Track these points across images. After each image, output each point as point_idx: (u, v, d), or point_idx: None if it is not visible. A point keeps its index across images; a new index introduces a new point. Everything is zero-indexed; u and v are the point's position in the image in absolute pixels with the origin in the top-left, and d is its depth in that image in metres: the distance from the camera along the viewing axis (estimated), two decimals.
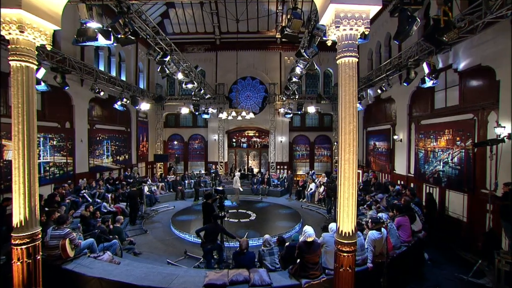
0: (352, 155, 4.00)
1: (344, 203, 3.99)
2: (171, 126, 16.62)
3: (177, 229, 7.68)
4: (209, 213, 6.05)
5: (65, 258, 4.34)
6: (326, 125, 16.39)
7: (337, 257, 3.85)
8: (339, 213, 4.05)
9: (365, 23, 3.70)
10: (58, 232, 4.39)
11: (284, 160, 15.86)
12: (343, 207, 4.01)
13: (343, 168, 4.01)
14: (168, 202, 11.13)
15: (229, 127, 16.05)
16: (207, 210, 6.17)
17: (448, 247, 6.76)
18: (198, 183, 12.21)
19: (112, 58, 12.26)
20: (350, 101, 3.93)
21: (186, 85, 10.59)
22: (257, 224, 8.29)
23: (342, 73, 3.92)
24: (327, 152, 16.45)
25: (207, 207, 6.21)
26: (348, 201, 4.00)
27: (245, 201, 11.16)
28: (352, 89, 3.94)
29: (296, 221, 8.46)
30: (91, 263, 4.47)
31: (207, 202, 6.26)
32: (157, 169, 15.61)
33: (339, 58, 3.89)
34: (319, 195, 11.12)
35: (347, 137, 4.02)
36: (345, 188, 4.00)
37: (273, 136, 15.58)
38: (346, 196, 4.01)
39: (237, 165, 16.39)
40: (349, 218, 3.97)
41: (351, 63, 3.87)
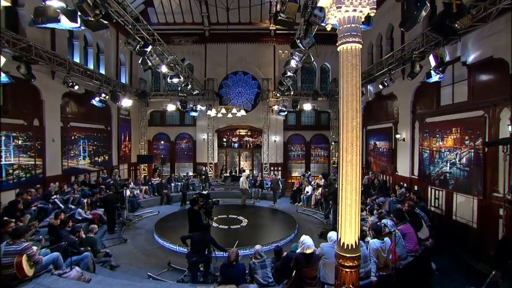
0: (355, 156, 3.68)
1: (346, 211, 3.66)
2: (156, 124, 16.31)
3: (161, 238, 7.43)
4: (195, 221, 5.83)
5: (22, 278, 3.89)
6: (323, 124, 16.28)
7: (338, 273, 3.53)
8: (340, 222, 3.73)
9: (371, 3, 3.39)
10: (14, 247, 3.92)
11: (278, 161, 15.76)
12: (344, 215, 3.69)
13: (345, 171, 3.69)
14: (152, 207, 10.94)
15: (219, 125, 15.84)
16: (193, 218, 5.92)
17: (456, 255, 6.57)
18: (186, 186, 11.94)
19: (89, 49, 11.74)
20: (353, 93, 3.62)
21: (172, 80, 10.20)
22: (249, 231, 8.15)
23: (344, 61, 3.61)
24: (324, 152, 16.37)
25: (193, 215, 5.96)
26: (350, 208, 3.69)
27: (235, 206, 11.01)
28: (355, 80, 3.63)
29: (291, 228, 8.34)
30: (54, 282, 4.06)
31: (193, 209, 6.00)
32: (140, 171, 15.34)
33: (340, 45, 3.58)
34: (316, 198, 11.03)
35: (349, 136, 3.70)
36: (347, 193, 3.68)
37: (266, 136, 15.43)
38: (348, 202, 3.69)
39: (228, 166, 16.20)
40: (351, 228, 3.65)
41: (354, 50, 3.55)
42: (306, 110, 15.18)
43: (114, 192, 8.72)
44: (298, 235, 7.78)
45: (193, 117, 15.40)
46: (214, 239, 5.41)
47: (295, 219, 9.03)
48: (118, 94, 11.35)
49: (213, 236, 5.56)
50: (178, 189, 12.64)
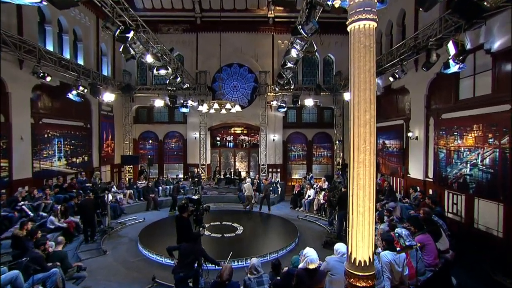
0: (368, 156, 3.32)
1: (358, 221, 3.30)
2: (142, 121, 16.07)
3: (146, 248, 7.21)
4: (184, 230, 5.57)
5: None
6: (326, 121, 16.11)
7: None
8: (351, 234, 3.38)
9: None
10: None
11: (277, 162, 15.60)
12: (355, 225, 3.33)
13: (356, 173, 3.33)
14: (138, 214, 10.80)
15: (213, 123, 15.64)
16: (182, 226, 5.66)
17: (478, 267, 6.28)
18: (177, 189, 11.85)
19: (64, 36, 11.31)
20: (366, 81, 3.26)
21: (158, 71, 9.85)
22: (245, 240, 8.00)
23: (355, 43, 3.25)
24: (327, 152, 16.22)
25: (182, 222, 5.69)
26: (363, 217, 3.32)
27: (230, 212, 10.95)
28: (368, 65, 3.27)
29: (291, 236, 8.15)
30: None
31: (182, 216, 5.72)
32: (125, 173, 15.06)
33: (351, 23, 3.23)
34: (319, 203, 10.91)
35: (362, 131, 3.34)
36: (359, 200, 3.32)
37: (264, 134, 15.24)
38: (360, 210, 3.32)
39: (222, 168, 15.98)
40: (365, 241, 3.28)
41: (368, 29, 3.20)
42: (308, 106, 15.01)
43: (94, 197, 8.48)
44: (299, 244, 7.69)
45: (183, 113, 15.34)
46: (205, 250, 5.14)
47: (296, 227, 8.89)
48: (98, 87, 11.00)
49: (205, 246, 5.41)
50: (167, 193, 12.61)
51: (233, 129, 16.33)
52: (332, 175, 14.83)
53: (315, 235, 8.60)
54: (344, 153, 15.37)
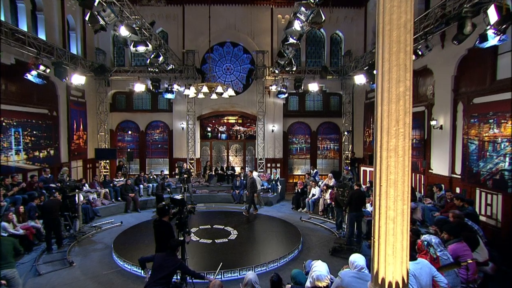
0: (402, 141, 2.76)
1: (388, 229, 2.77)
2: (121, 109, 15.83)
3: (121, 258, 6.94)
4: (164, 236, 5.22)
5: None
6: (333, 109, 16.03)
7: None
8: (377, 246, 2.87)
9: None
10: None
11: (277, 156, 15.58)
12: (385, 235, 2.81)
13: (385, 165, 2.78)
14: (114, 216, 10.61)
15: (202, 111, 15.55)
16: (162, 233, 5.31)
17: None
18: (162, 187, 11.80)
19: (19, 3, 10.58)
20: (399, 40, 2.72)
21: (136, 48, 9.29)
22: (239, 246, 7.77)
23: None
24: (334, 145, 16.19)
25: (162, 228, 5.32)
26: (395, 224, 2.79)
27: (222, 213, 10.84)
28: (404, 18, 2.73)
29: (294, 242, 7.92)
30: None
31: (161, 221, 5.32)
32: (100, 169, 14.84)
33: None
34: (325, 203, 10.77)
35: (394, 108, 2.77)
36: (389, 201, 2.79)
37: (261, 124, 15.15)
38: (391, 215, 2.78)
39: (213, 163, 15.81)
40: (397, 256, 2.77)
41: None
42: (312, 92, 14.86)
43: (62, 197, 8.26)
44: (303, 251, 7.56)
45: (168, 100, 15.27)
46: (184, 263, 4.81)
47: (299, 230, 8.77)
48: (65, 67, 10.48)
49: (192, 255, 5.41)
50: (149, 192, 12.49)
51: (226, 118, 16.22)
52: (340, 171, 14.88)
53: (321, 240, 8.44)
54: (354, 146, 15.28)
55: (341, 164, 15.64)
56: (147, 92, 15.16)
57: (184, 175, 11.87)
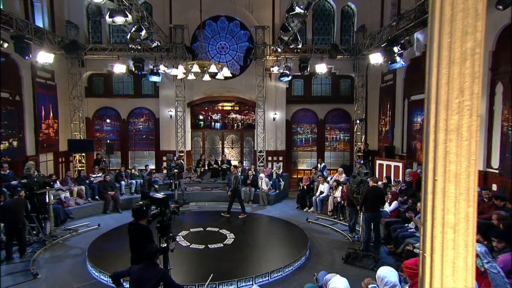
0: (469, 118, 2.16)
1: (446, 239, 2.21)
2: (98, 94, 15.63)
3: (97, 268, 6.77)
4: (140, 243, 4.93)
5: None
6: (344, 94, 15.93)
7: None
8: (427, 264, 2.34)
9: None
10: None
11: (279, 148, 15.62)
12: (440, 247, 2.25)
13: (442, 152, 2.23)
14: (91, 218, 10.62)
15: (193, 96, 15.47)
16: (138, 238, 5.03)
17: None
18: (148, 183, 11.90)
19: None
20: None
21: (113, 18, 9.02)
22: (236, 253, 7.65)
23: None
24: (344, 135, 16.21)
25: (138, 233, 5.05)
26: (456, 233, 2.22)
27: (217, 213, 10.88)
28: None
29: (300, 247, 7.80)
30: None
31: (138, 224, 5.06)
32: (75, 163, 14.66)
33: None
34: (335, 202, 10.79)
35: (456, 72, 2.17)
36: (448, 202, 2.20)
37: (261, 111, 15.06)
38: (450, 221, 2.22)
39: (206, 156, 15.65)
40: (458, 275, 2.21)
41: None
42: (320, 74, 14.91)
43: (29, 195, 8.19)
44: (311, 258, 7.50)
45: (154, 84, 15.14)
46: (168, 273, 4.52)
47: (306, 233, 8.72)
48: (28, 42, 10.04)
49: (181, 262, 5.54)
50: (132, 190, 12.52)
51: (220, 105, 16.17)
52: (351, 164, 15.04)
53: (332, 245, 8.37)
54: (368, 136, 15.14)
55: (352, 157, 15.59)
56: (129, 74, 14.98)
57: (175, 169, 12.02)
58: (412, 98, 11.92)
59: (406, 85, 12.29)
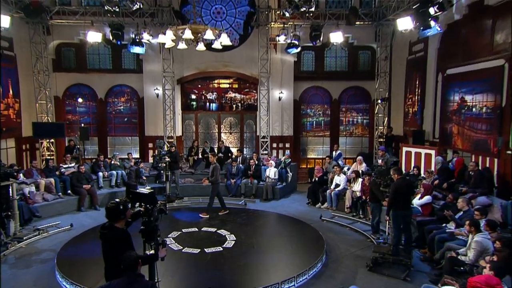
0: None
1: None
2: (69, 68, 15.41)
3: (68, 278, 6.60)
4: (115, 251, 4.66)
5: None
6: (363, 69, 15.82)
7: None
8: None
9: None
10: None
11: (285, 133, 15.58)
12: None
13: None
14: (62, 216, 10.49)
15: (184, 72, 15.35)
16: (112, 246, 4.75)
17: None
18: (136, 174, 11.72)
19: None
20: None
21: None
22: (238, 258, 7.50)
23: None
24: (362, 117, 16.16)
25: (113, 238, 4.76)
26: None
27: (216, 209, 10.74)
28: None
29: (315, 251, 7.61)
30: None
31: (113, 227, 4.75)
32: (42, 151, 14.52)
33: None
34: (353, 196, 10.78)
35: None
36: None
37: (265, 89, 14.93)
38: None
39: (199, 143, 15.70)
40: None
41: None
42: (334, 45, 14.84)
43: None
44: (329, 265, 7.32)
45: (137, 56, 15.10)
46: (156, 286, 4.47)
47: (320, 234, 8.59)
48: None
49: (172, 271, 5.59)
50: (112, 183, 12.51)
51: (216, 82, 16.05)
52: (371, 152, 15.04)
53: (353, 248, 8.21)
54: (391, 119, 14.98)
55: (372, 143, 15.47)
56: (106, 44, 14.83)
57: (167, 158, 11.93)
58: (448, 72, 11.71)
59: (440, 57, 12.08)
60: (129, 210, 4.75)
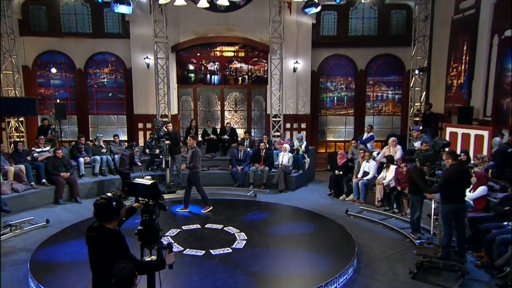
0: None
1: None
2: (39, 32, 15.37)
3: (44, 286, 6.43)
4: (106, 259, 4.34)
5: None
6: (396, 33, 15.70)
7: None
8: None
9: None
10: None
11: (301, 111, 15.58)
12: None
13: None
14: (36, 210, 10.53)
15: (180, 37, 15.25)
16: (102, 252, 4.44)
17: None
18: (130, 160, 11.69)
19: None
20: None
21: None
22: (251, 261, 7.34)
23: None
24: (394, 92, 16.10)
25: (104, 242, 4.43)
26: None
27: (218, 202, 10.87)
28: None
29: (344, 254, 7.44)
30: None
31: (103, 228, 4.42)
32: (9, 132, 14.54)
33: None
34: (386, 188, 10.73)
35: None
36: None
37: (277, 59, 14.84)
38: None
39: (199, 122, 15.87)
40: None
41: None
42: (361, 4, 14.98)
43: None
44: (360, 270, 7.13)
45: (122, 18, 15.16)
46: None
47: (349, 232, 8.55)
48: None
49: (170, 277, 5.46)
50: (96, 170, 12.56)
51: (219, 50, 16.00)
52: (403, 133, 14.95)
53: (389, 250, 8.02)
54: (430, 93, 14.68)
55: (405, 123, 15.29)
56: (84, 2, 14.87)
57: (165, 140, 11.92)
58: (506, 33, 11.31)
59: (497, 14, 11.57)
60: (124, 208, 4.43)
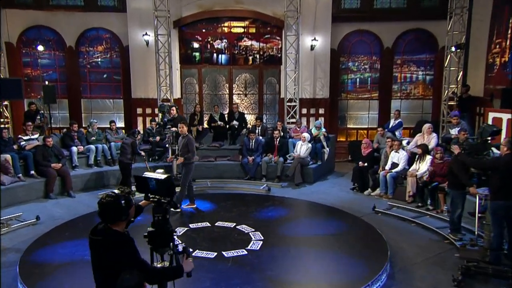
0: None
1: None
2: (24, 4, 15.48)
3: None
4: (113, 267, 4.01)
5: None
6: (428, 5, 15.86)
7: None
8: None
9: None
10: None
11: (319, 95, 15.59)
12: None
13: None
14: (24, 205, 10.52)
15: (183, 11, 15.34)
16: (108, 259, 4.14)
17: None
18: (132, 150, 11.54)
19: None
20: None
21: None
22: (269, 265, 7.20)
23: None
24: (425, 73, 16.14)
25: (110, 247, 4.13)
26: None
27: (227, 197, 11.09)
28: None
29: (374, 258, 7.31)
30: None
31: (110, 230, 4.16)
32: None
33: None
34: (419, 182, 10.60)
35: None
36: None
37: (292, 35, 14.82)
38: None
39: (204, 107, 15.97)
40: None
41: None
42: None
43: None
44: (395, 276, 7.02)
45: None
46: None
47: (379, 232, 8.44)
48: None
49: None
50: (90, 161, 12.64)
51: (227, 25, 16.10)
52: (436, 119, 14.79)
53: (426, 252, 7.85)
54: (467, 73, 14.41)
55: (438, 108, 15.12)
56: None
57: (170, 126, 12.10)
58: None
59: None
60: (133, 207, 4.16)
